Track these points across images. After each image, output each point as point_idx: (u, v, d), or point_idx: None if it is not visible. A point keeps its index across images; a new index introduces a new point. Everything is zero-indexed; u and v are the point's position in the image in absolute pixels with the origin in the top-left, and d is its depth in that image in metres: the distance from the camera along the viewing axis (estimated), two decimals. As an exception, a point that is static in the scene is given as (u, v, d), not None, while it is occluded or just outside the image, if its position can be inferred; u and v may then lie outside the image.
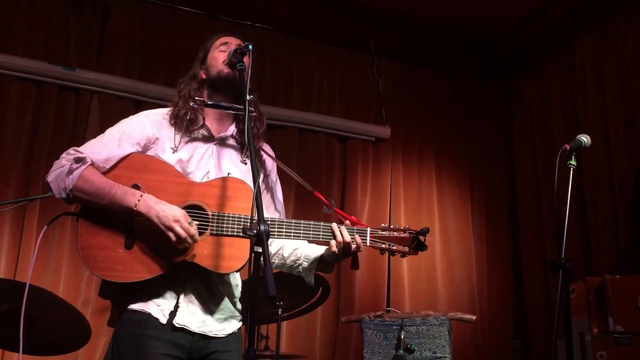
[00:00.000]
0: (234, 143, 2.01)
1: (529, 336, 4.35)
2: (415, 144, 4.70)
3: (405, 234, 1.89)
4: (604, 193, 3.92)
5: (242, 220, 1.81)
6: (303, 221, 1.85)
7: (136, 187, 1.81)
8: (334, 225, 1.85)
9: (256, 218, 1.58)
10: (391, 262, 4.33)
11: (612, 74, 4.05)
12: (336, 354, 4.06)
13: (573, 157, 2.10)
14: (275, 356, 2.78)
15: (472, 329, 4.24)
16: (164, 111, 1.99)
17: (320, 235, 1.85)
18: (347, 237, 1.83)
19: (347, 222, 1.89)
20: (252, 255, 1.54)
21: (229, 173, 1.91)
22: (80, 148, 1.86)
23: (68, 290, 3.51)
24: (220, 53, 2.00)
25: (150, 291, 1.81)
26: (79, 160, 1.81)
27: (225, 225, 1.81)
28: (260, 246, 1.53)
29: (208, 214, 1.82)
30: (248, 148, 1.82)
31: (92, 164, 1.83)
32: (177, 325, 1.79)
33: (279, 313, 2.80)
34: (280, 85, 4.40)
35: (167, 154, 1.90)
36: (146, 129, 1.93)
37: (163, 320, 1.80)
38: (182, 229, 1.73)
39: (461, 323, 3.18)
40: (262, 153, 2.06)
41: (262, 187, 2.02)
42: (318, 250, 1.96)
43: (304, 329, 4.00)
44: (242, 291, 1.99)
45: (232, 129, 2.00)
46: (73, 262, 3.57)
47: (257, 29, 4.34)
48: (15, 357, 3.27)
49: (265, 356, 2.96)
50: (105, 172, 1.84)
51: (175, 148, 1.91)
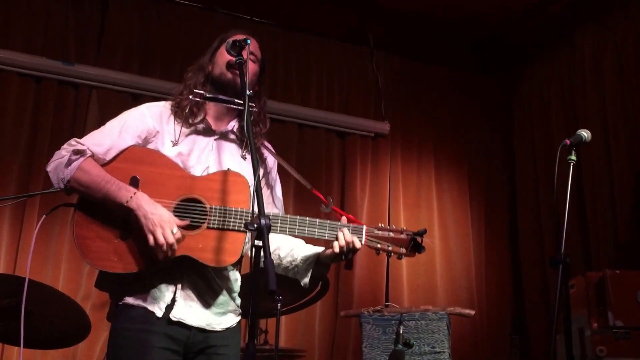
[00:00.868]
0: (234, 138, 2.00)
1: (528, 331, 4.36)
2: (414, 140, 4.70)
3: (402, 235, 1.84)
4: (603, 188, 3.93)
5: (240, 213, 1.80)
6: (309, 218, 1.83)
7: (135, 180, 1.82)
8: (339, 225, 1.82)
9: (257, 212, 1.58)
10: (390, 258, 4.33)
11: (612, 69, 4.04)
12: (335, 349, 4.07)
13: (573, 152, 2.11)
14: (274, 350, 2.78)
15: (471, 324, 4.25)
16: (166, 104, 1.99)
17: (326, 233, 1.82)
18: (349, 237, 1.80)
19: (344, 219, 1.85)
20: (254, 249, 1.54)
21: (229, 168, 1.90)
22: (81, 139, 1.86)
23: (68, 284, 3.51)
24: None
25: (146, 284, 1.81)
26: (79, 152, 1.82)
27: (223, 218, 1.80)
28: (260, 240, 1.53)
29: (206, 208, 1.82)
30: (248, 142, 1.81)
31: (92, 156, 1.83)
32: (174, 319, 1.79)
33: (279, 307, 2.81)
34: (278, 80, 4.39)
35: (167, 147, 1.90)
36: (147, 122, 1.93)
37: (159, 313, 1.80)
38: (163, 236, 1.72)
39: (460, 318, 3.19)
40: (264, 150, 2.05)
41: (262, 183, 2.02)
42: (314, 251, 1.94)
43: (303, 324, 4.00)
44: (242, 286, 1.99)
45: (233, 124, 2.00)
46: (73, 257, 3.57)
47: (255, 23, 4.33)
48: (15, 351, 3.28)
49: (264, 350, 2.97)
50: (105, 164, 1.84)
51: (175, 141, 1.91)
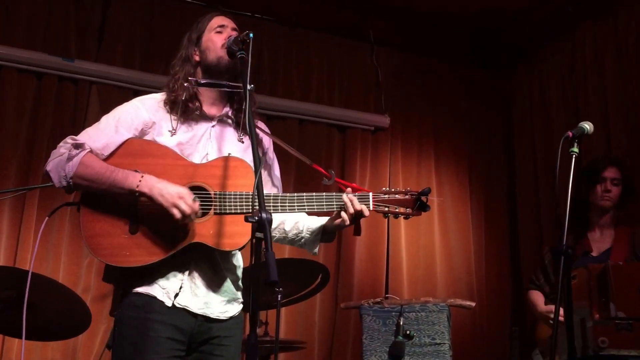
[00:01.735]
0: (231, 122, 2.00)
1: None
2: (414, 133, 4.69)
3: (407, 196, 1.88)
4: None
5: (244, 197, 1.81)
6: (315, 193, 1.85)
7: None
8: (345, 196, 1.85)
9: (257, 202, 1.58)
10: (390, 250, 4.35)
11: (613, 64, 4.03)
12: (335, 340, 4.08)
13: (575, 145, 2.11)
14: (274, 342, 2.79)
15: (471, 316, 4.26)
16: (159, 96, 1.98)
17: (334, 205, 1.85)
18: (358, 206, 1.83)
19: (349, 190, 1.89)
20: (254, 242, 1.54)
21: (230, 153, 1.90)
22: (77, 136, 1.85)
23: (68, 277, 3.51)
24: (217, 35, 1.98)
25: (155, 273, 1.81)
26: (78, 146, 1.81)
27: (227, 203, 1.81)
28: (261, 232, 1.54)
29: (210, 194, 1.82)
30: (246, 130, 1.83)
31: (91, 151, 1.82)
32: (179, 305, 1.80)
33: (279, 299, 2.81)
34: (279, 75, 4.38)
35: (165, 137, 1.90)
36: (142, 114, 1.92)
37: (168, 303, 1.80)
38: (187, 205, 1.74)
39: (460, 310, 3.19)
40: (258, 131, 2.05)
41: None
42: (319, 221, 1.96)
43: (303, 315, 4.01)
44: (245, 278, 1.99)
45: (228, 109, 2.00)
46: (73, 250, 3.57)
47: (256, 20, 4.31)
48: (16, 343, 3.29)
49: (264, 342, 2.98)
50: (104, 160, 1.83)
51: (173, 131, 1.91)
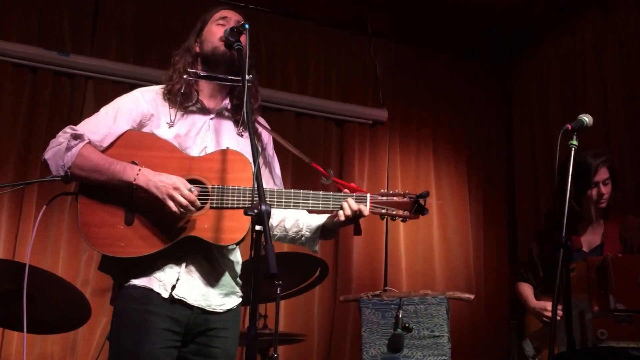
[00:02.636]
0: (230, 116, 2.00)
1: (526, 315, 4.38)
2: (412, 127, 4.68)
3: (405, 198, 1.87)
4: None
5: (242, 192, 1.80)
6: (312, 191, 1.85)
7: (135, 165, 1.80)
8: (343, 200, 1.84)
9: (257, 195, 1.58)
10: (388, 243, 4.35)
11: (613, 56, 4.02)
12: (334, 333, 4.09)
13: (575, 137, 2.10)
14: (274, 335, 2.79)
15: (470, 309, 4.28)
16: (158, 89, 1.98)
17: (330, 205, 1.85)
18: (355, 206, 1.83)
19: (347, 190, 1.89)
20: (254, 235, 1.54)
21: (227, 147, 1.90)
22: (76, 127, 1.85)
23: (67, 270, 3.52)
24: (217, 27, 1.98)
25: (151, 265, 1.81)
26: (77, 137, 1.80)
27: (225, 197, 1.81)
28: (261, 225, 1.53)
29: (207, 187, 1.82)
30: (245, 123, 1.82)
31: (90, 142, 1.82)
32: (176, 297, 1.80)
33: (278, 292, 2.82)
34: (276, 68, 4.36)
35: (163, 129, 1.89)
36: (141, 106, 1.92)
37: (165, 294, 1.81)
38: (183, 197, 1.74)
39: (459, 303, 3.20)
40: (258, 127, 2.05)
41: (260, 162, 2.02)
42: (319, 219, 1.97)
43: (302, 309, 4.02)
44: (242, 272, 1.99)
45: (227, 103, 1.99)
46: (72, 243, 3.57)
47: (253, 11, 4.28)
48: (15, 336, 3.29)
49: (264, 335, 2.99)
50: (102, 151, 1.83)
51: (171, 123, 1.90)
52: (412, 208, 1.86)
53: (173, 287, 1.81)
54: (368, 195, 1.87)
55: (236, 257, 1.98)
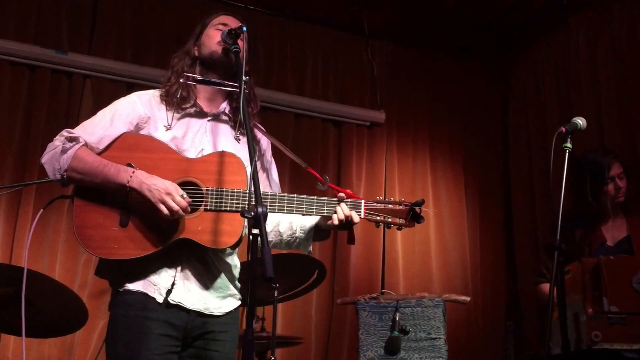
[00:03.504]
0: (227, 120, 2.00)
1: (522, 317, 4.40)
2: (409, 128, 4.69)
3: (400, 206, 1.86)
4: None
5: (236, 194, 1.80)
6: (306, 196, 1.85)
7: (129, 167, 1.81)
8: (337, 201, 1.84)
9: (254, 197, 1.58)
10: (386, 245, 4.36)
11: (606, 55, 4.04)
12: (331, 336, 4.09)
13: (569, 140, 2.12)
14: (271, 338, 2.79)
15: (466, 311, 4.28)
16: (156, 92, 1.99)
17: (324, 210, 1.84)
18: (347, 211, 1.82)
19: (341, 195, 1.88)
20: (251, 237, 1.55)
21: (224, 150, 1.90)
22: (73, 130, 1.85)
23: (64, 273, 3.51)
24: (215, 32, 1.99)
25: (146, 269, 1.81)
26: (72, 139, 1.81)
27: (219, 200, 1.81)
28: (257, 228, 1.54)
29: (202, 190, 1.82)
30: (242, 126, 1.84)
31: (86, 144, 1.82)
32: (172, 302, 1.80)
33: (275, 295, 2.82)
34: (273, 68, 4.37)
35: (160, 132, 1.90)
36: (138, 109, 1.92)
37: (160, 299, 1.80)
38: (174, 202, 1.74)
39: (455, 305, 3.21)
40: (257, 132, 2.05)
41: (258, 167, 2.02)
42: (312, 220, 1.96)
43: (300, 311, 4.02)
44: (241, 273, 2.00)
45: (225, 106, 2.00)
46: (69, 246, 3.57)
47: (250, 11, 4.29)
48: (12, 340, 3.29)
49: (261, 338, 2.99)
50: (99, 153, 1.84)
51: (168, 126, 1.91)
52: (408, 216, 1.85)
53: (169, 292, 1.80)
54: (362, 201, 1.86)
55: (233, 261, 1.98)
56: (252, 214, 1.54)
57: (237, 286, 1.97)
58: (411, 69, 4.76)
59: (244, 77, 1.78)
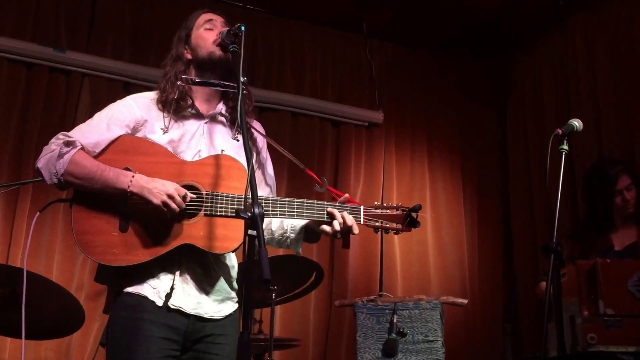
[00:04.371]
0: (224, 120, 2.00)
1: (519, 320, 4.40)
2: (408, 129, 4.70)
3: (397, 212, 1.88)
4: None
5: (236, 200, 1.80)
6: (297, 200, 1.84)
7: (127, 170, 1.80)
8: (337, 211, 1.83)
9: (250, 200, 1.58)
10: (384, 247, 4.36)
11: (603, 57, 4.04)
12: (329, 338, 4.09)
13: (565, 142, 2.12)
14: (269, 340, 2.79)
15: (464, 313, 4.28)
16: (151, 94, 1.98)
17: (324, 215, 1.83)
18: (349, 221, 1.82)
19: (347, 196, 1.88)
20: (247, 238, 1.54)
21: (223, 150, 1.90)
22: (69, 133, 1.84)
23: (61, 274, 3.50)
24: (207, 32, 1.98)
25: (145, 273, 1.81)
26: (69, 143, 1.79)
27: (219, 205, 1.80)
28: (254, 229, 1.54)
29: (202, 194, 1.82)
30: (239, 127, 1.82)
31: (83, 148, 1.81)
32: (172, 306, 1.79)
33: (273, 297, 2.82)
34: (272, 68, 4.37)
35: (158, 135, 1.89)
36: (134, 112, 1.91)
37: (159, 302, 1.80)
38: (176, 204, 1.74)
39: (453, 307, 3.21)
40: (253, 131, 2.05)
41: (254, 165, 2.02)
42: (302, 220, 1.94)
43: (298, 313, 4.02)
44: (238, 273, 1.99)
45: (221, 107, 1.99)
46: (66, 247, 3.56)
47: (249, 11, 4.29)
48: (8, 341, 3.28)
49: (259, 340, 2.99)
50: (95, 157, 1.82)
51: (165, 129, 1.90)
52: (405, 221, 1.87)
53: (168, 296, 1.79)
54: (362, 207, 1.87)
55: (231, 261, 1.97)
56: (249, 215, 1.54)
57: (235, 288, 1.96)
58: (410, 70, 4.77)
59: (242, 78, 1.77)
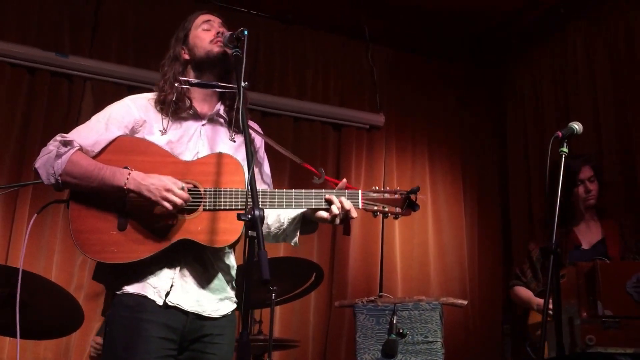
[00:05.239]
0: (222, 121, 2.01)
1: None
2: (408, 131, 4.71)
3: (396, 195, 1.88)
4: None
5: (235, 193, 1.80)
6: (295, 190, 1.84)
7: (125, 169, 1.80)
8: (334, 196, 1.83)
9: (251, 200, 1.59)
10: (384, 248, 4.36)
11: (603, 63, 4.06)
12: (329, 339, 4.09)
13: (565, 145, 2.13)
14: (268, 340, 2.79)
15: (463, 314, 4.29)
16: (150, 95, 1.98)
17: (323, 202, 1.84)
18: (347, 205, 1.82)
19: (344, 181, 1.89)
20: (247, 240, 1.55)
21: (220, 152, 1.90)
22: (67, 134, 1.84)
23: (61, 275, 3.51)
24: (204, 32, 1.99)
25: (145, 272, 1.81)
26: (67, 144, 1.80)
27: (218, 199, 1.80)
28: (254, 230, 1.54)
29: (200, 190, 1.82)
30: (240, 129, 1.83)
31: (81, 149, 1.81)
32: (170, 303, 1.79)
33: (273, 298, 2.82)
34: (275, 73, 4.39)
35: (156, 136, 1.89)
36: (133, 112, 1.92)
37: (160, 301, 1.79)
38: (176, 197, 1.74)
39: (452, 308, 3.21)
40: (250, 130, 2.05)
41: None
42: (299, 211, 1.95)
43: (298, 314, 4.02)
44: (237, 275, 1.99)
45: (219, 106, 2.00)
46: (65, 248, 3.56)
47: (252, 16, 4.30)
48: (7, 341, 3.28)
49: (258, 340, 2.99)
50: (93, 157, 1.83)
51: (164, 130, 1.90)
52: (404, 204, 1.87)
53: (167, 294, 1.80)
54: (360, 191, 1.87)
55: (231, 262, 1.97)
56: (249, 217, 1.54)
57: (234, 287, 1.96)
58: (411, 74, 4.78)
59: (244, 83, 1.77)
